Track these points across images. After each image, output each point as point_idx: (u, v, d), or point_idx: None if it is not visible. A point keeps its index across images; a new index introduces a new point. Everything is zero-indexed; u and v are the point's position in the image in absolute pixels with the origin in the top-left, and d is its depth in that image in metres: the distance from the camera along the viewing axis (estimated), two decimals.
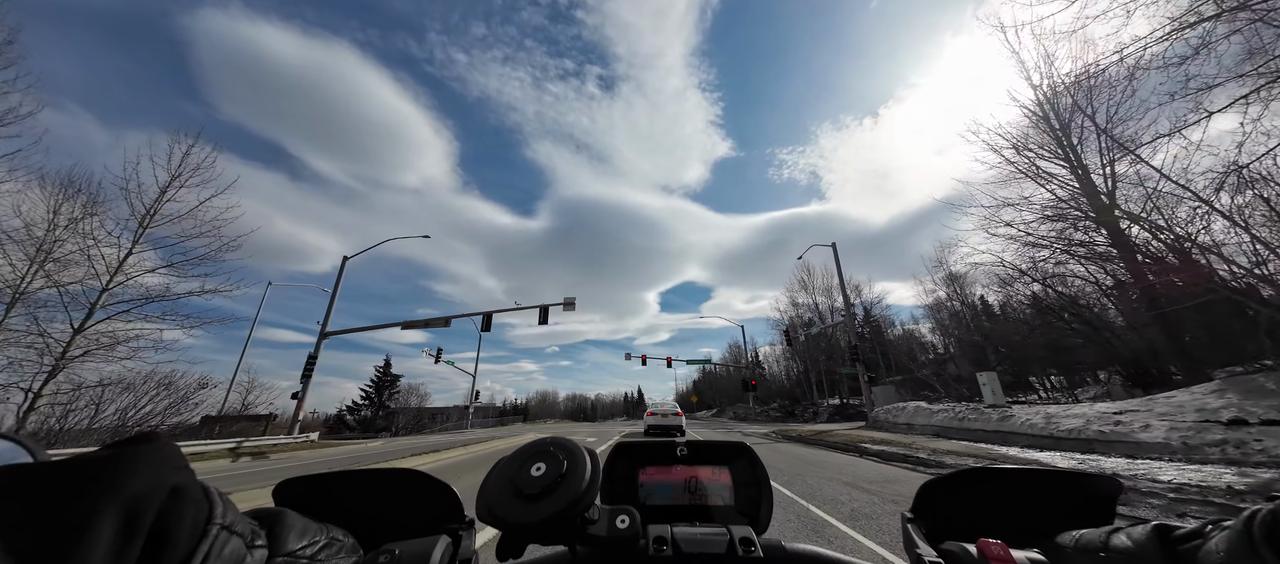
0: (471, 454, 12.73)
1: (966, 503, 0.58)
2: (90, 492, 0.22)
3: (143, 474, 0.24)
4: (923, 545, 0.50)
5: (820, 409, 38.94)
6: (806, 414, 39.46)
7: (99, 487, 0.23)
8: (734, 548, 0.49)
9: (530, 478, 0.42)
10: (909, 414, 16.07)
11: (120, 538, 0.22)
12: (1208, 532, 0.36)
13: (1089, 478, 0.55)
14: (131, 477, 0.24)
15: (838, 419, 36.33)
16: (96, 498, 0.22)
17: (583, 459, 0.44)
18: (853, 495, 5.38)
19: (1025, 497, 0.56)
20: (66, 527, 0.21)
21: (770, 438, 16.61)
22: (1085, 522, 0.47)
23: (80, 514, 0.21)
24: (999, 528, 0.49)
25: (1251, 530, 0.32)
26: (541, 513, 0.39)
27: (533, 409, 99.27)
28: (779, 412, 42.74)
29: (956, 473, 0.59)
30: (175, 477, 0.26)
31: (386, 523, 0.53)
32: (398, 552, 0.43)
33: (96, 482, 0.23)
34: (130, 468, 0.24)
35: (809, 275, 42.75)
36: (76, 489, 0.22)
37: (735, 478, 0.69)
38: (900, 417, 16.40)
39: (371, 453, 14.40)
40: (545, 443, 0.46)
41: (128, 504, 0.23)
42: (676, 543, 0.49)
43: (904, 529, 0.56)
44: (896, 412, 16.90)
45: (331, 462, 12.70)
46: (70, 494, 0.22)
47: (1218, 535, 0.35)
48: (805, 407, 41.04)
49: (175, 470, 0.27)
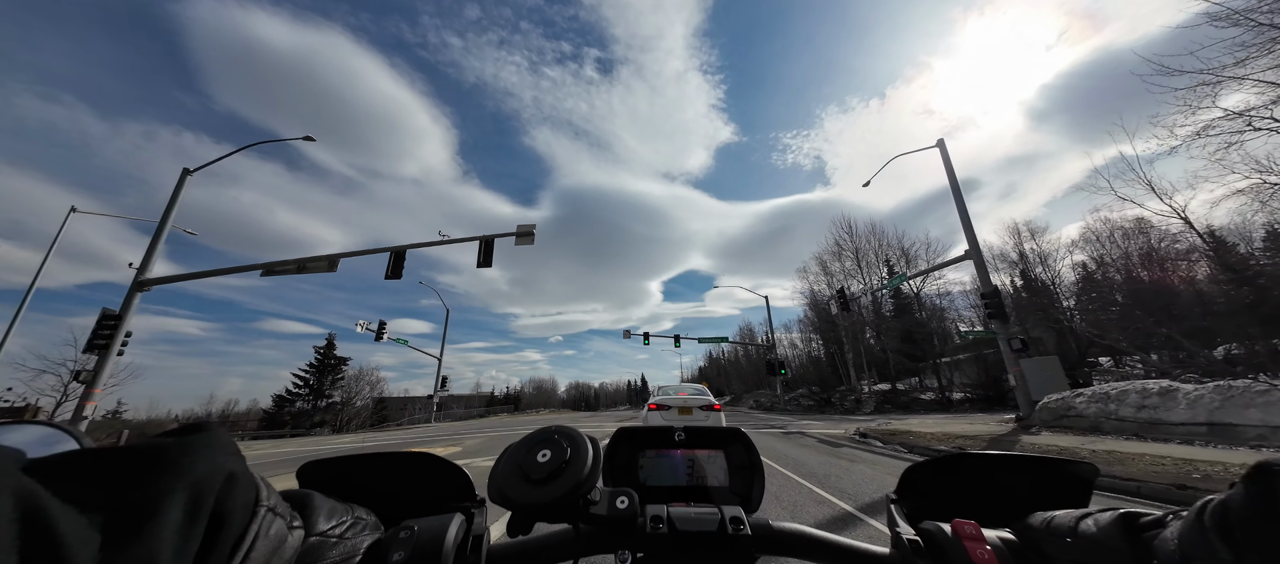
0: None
1: (947, 486, 0.61)
2: (161, 474, 0.23)
3: (205, 459, 0.26)
4: (903, 524, 0.53)
5: (863, 396, 31.41)
6: (847, 403, 31.93)
7: (169, 470, 0.24)
8: (725, 526, 0.52)
9: (536, 464, 0.45)
10: (1150, 402, 8.36)
11: (187, 518, 0.24)
12: (1168, 521, 0.37)
13: (1065, 464, 0.57)
14: (195, 461, 0.25)
15: (891, 410, 28.84)
16: (167, 480, 0.24)
17: (585, 446, 0.47)
18: None
19: (1003, 481, 0.60)
20: (140, 507, 0.22)
21: (868, 446, 9.08)
22: (1060, 505, 0.49)
23: (153, 495, 0.23)
24: (976, 509, 0.52)
25: (1203, 519, 0.33)
26: (547, 495, 0.43)
27: (527, 398, 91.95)
28: (811, 400, 35.23)
29: (939, 458, 0.62)
30: (231, 462, 0.28)
31: (403, 502, 0.56)
32: (416, 528, 0.45)
33: (166, 465, 0.24)
34: (195, 453, 0.26)
35: (849, 233, 35.04)
36: (148, 472, 0.23)
37: (730, 461, 0.72)
38: (1120, 406, 8.71)
39: None
40: (550, 431, 0.49)
41: (193, 486, 0.25)
42: (672, 521, 0.52)
43: (888, 509, 0.58)
44: (1102, 400, 9.17)
45: None
46: (143, 477, 0.23)
47: (1175, 524, 0.36)
48: (845, 394, 33.50)
49: (230, 456, 0.28)
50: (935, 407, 28.24)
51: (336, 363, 32.28)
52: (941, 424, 12.35)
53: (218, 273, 13.80)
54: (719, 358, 77.55)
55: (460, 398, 72.96)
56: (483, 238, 12.88)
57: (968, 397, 28.22)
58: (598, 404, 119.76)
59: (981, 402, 26.74)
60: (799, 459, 7.40)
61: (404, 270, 12.72)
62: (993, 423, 11.93)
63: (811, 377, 39.57)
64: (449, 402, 67.12)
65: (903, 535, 0.50)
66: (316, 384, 31.30)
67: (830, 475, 5.94)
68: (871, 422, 16.09)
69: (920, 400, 29.78)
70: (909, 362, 31.49)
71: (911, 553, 0.48)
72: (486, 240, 12.87)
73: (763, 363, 49.98)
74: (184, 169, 14.64)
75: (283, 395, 30.60)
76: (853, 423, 16.14)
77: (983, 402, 26.67)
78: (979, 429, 10.70)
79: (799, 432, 12.84)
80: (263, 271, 13.39)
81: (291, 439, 25.29)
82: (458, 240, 13.55)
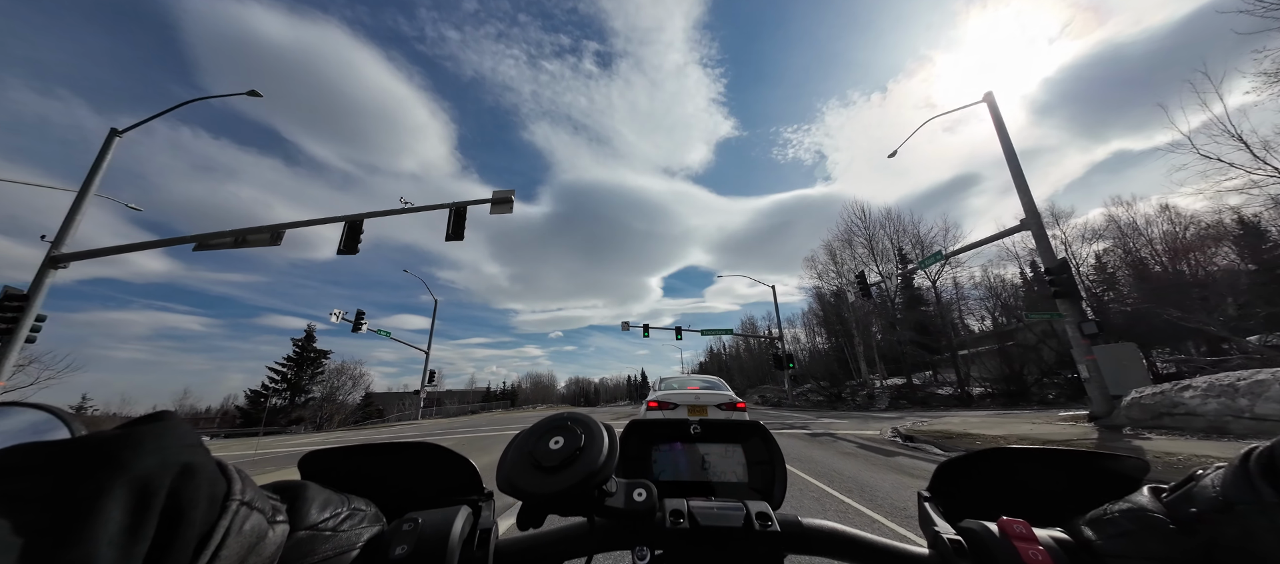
0: None
1: (985, 483, 0.57)
2: (100, 470, 0.22)
3: (152, 453, 0.24)
4: (941, 523, 0.48)
5: (876, 391, 29.52)
6: (860, 398, 30.05)
7: (108, 465, 0.23)
8: (750, 522, 0.48)
9: (548, 451, 0.43)
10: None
11: (132, 516, 0.22)
12: (1199, 475, 0.38)
13: (1114, 459, 0.53)
14: (140, 455, 0.24)
15: (907, 405, 26.99)
16: (106, 476, 0.22)
17: (599, 433, 0.44)
18: None
19: (1047, 477, 0.55)
20: (76, 504, 0.21)
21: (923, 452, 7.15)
22: (1105, 504, 0.46)
23: (89, 492, 0.21)
24: (1019, 508, 0.47)
25: (1248, 464, 0.34)
26: (559, 485, 0.40)
27: (524, 394, 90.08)
28: (820, 395, 33.33)
29: (976, 453, 0.58)
30: (187, 455, 0.26)
31: (408, 494, 0.53)
32: (420, 520, 0.43)
33: (106, 460, 0.23)
34: (139, 447, 0.24)
35: (863, 219, 33.05)
36: (87, 467, 0.22)
37: (748, 455, 0.68)
38: (1257, 401, 6.76)
39: None
40: (563, 417, 0.46)
41: (138, 483, 0.23)
42: (693, 516, 0.48)
43: (920, 507, 0.54)
44: (1227, 392, 7.22)
45: None
46: (81, 472, 0.22)
47: (1212, 474, 0.37)
48: (856, 388, 31.61)
49: (186, 448, 0.26)
50: (954, 402, 26.45)
51: (317, 356, 30.33)
52: (999, 424, 10.43)
53: (146, 246, 11.81)
54: (720, 353, 75.60)
55: (455, 393, 71.10)
56: (453, 205, 10.88)
57: (988, 391, 26.42)
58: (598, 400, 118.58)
59: (1003, 397, 24.97)
60: (848, 474, 5.47)
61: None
62: (1059, 422, 10.01)
63: (820, 370, 37.65)
64: (443, 397, 65.26)
65: (943, 535, 0.45)
66: (295, 379, 29.36)
67: (909, 504, 4.00)
68: (900, 419, 14.19)
69: (937, 395, 27.96)
70: (927, 353, 29.60)
71: (953, 554, 0.44)
72: (457, 209, 10.87)
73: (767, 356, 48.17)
74: (112, 130, 12.65)
75: (259, 391, 28.66)
76: (878, 421, 14.22)
77: (1004, 397, 24.90)
78: (1050, 431, 8.77)
79: (825, 432, 10.91)
80: (196, 246, 11.42)
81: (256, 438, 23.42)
82: (423, 208, 11.56)
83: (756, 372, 49.13)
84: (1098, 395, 9.53)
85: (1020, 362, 26.62)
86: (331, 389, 30.34)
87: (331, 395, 30.10)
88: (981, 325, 31.87)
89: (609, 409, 49.40)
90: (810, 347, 47.39)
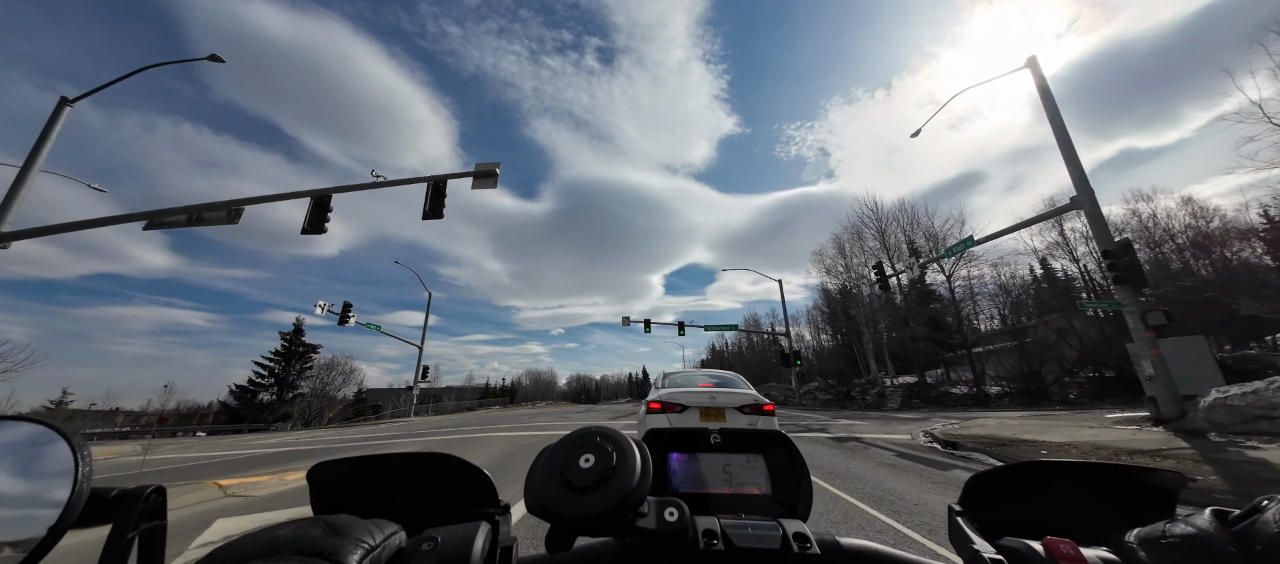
0: None
1: (1020, 498, 0.56)
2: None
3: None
4: (979, 541, 0.46)
5: (887, 390, 28.31)
6: (870, 397, 28.79)
7: None
8: (789, 543, 0.46)
9: (579, 470, 0.41)
10: None
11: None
12: (1264, 506, 0.36)
13: (1150, 472, 0.53)
14: None
15: (921, 405, 25.53)
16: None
17: (632, 451, 0.43)
18: None
19: (1082, 493, 0.54)
20: None
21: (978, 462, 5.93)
22: (1146, 519, 0.45)
23: None
24: (1055, 524, 0.47)
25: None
26: (594, 506, 0.39)
27: (524, 390, 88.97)
28: (828, 394, 32.09)
29: (1009, 467, 0.57)
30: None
31: (423, 508, 0.51)
32: (439, 539, 0.41)
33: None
34: None
35: (875, 211, 31.76)
36: None
37: (771, 466, 0.66)
38: None
39: None
40: (592, 432, 0.45)
41: None
42: (727, 537, 0.46)
43: (952, 522, 0.52)
44: None
45: None
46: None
47: (1274, 507, 0.35)
48: (865, 387, 30.38)
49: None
50: (970, 401, 25.24)
51: (305, 350, 29.24)
52: (1046, 427, 9.19)
53: (92, 224, 10.64)
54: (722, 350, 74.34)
55: (452, 389, 70.07)
56: (430, 178, 9.69)
57: (1005, 391, 25.20)
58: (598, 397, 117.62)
59: (1022, 396, 23.74)
60: (911, 499, 4.26)
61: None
62: (1117, 427, 8.79)
63: (827, 368, 36.42)
64: (440, 394, 64.27)
65: (983, 554, 0.44)
66: (283, 374, 28.28)
67: None
68: (924, 421, 12.99)
69: (951, 394, 26.72)
70: (942, 350, 28.39)
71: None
72: (436, 183, 9.68)
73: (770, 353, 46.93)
74: (62, 98, 11.47)
75: (245, 386, 27.58)
76: (900, 422, 13.00)
77: (1023, 396, 23.66)
78: (1117, 437, 7.56)
79: (849, 436, 9.72)
80: (146, 224, 10.26)
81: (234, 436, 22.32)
82: (398, 182, 10.37)
83: (760, 369, 47.96)
84: (1165, 396, 8.31)
85: (1038, 359, 25.41)
86: (322, 385, 29.24)
87: (322, 391, 29.00)
88: (990, 324, 30.81)
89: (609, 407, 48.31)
90: (816, 344, 46.21)
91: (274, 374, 28.22)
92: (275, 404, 27.36)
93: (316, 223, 9.61)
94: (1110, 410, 16.54)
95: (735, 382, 5.58)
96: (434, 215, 9.63)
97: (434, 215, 9.63)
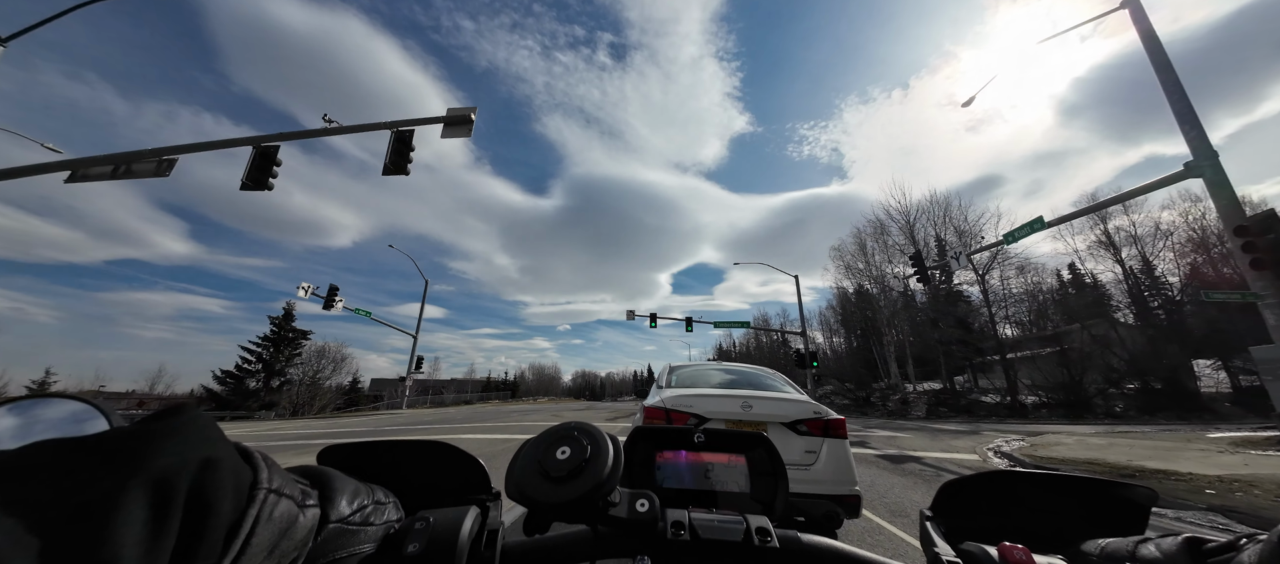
0: None
1: (990, 506, 0.58)
2: (119, 470, 0.22)
3: (171, 450, 0.24)
4: (941, 544, 0.50)
5: (911, 397, 26.31)
6: (892, 403, 26.80)
7: (124, 465, 0.22)
8: (750, 536, 0.49)
9: (556, 461, 0.44)
10: None
11: (154, 513, 0.22)
12: (1241, 544, 0.35)
13: (1121, 487, 0.54)
14: (159, 453, 0.23)
15: (948, 413, 23.48)
16: (126, 475, 0.22)
17: (606, 445, 0.46)
18: None
19: (1052, 503, 0.56)
20: (90, 508, 0.20)
21: None
22: (1114, 532, 0.47)
23: (105, 492, 0.21)
24: (1022, 532, 0.49)
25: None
26: (567, 494, 0.42)
27: (526, 385, 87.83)
28: (846, 398, 30.15)
29: (981, 474, 0.59)
30: (206, 448, 0.26)
31: (419, 490, 0.55)
32: (432, 519, 0.45)
33: (125, 460, 0.22)
34: (158, 443, 0.24)
35: (903, 197, 29.70)
36: (105, 468, 0.22)
37: (752, 466, 0.69)
38: None
39: None
40: (570, 428, 0.48)
41: (158, 480, 0.23)
42: (694, 528, 0.50)
43: (922, 526, 0.55)
44: None
45: None
46: (96, 473, 0.21)
47: (1251, 548, 0.34)
48: (886, 392, 28.36)
49: (206, 442, 0.26)
50: (1003, 411, 23.19)
51: (295, 336, 27.94)
52: (1151, 453, 7.25)
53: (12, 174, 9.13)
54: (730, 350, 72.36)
55: (454, 381, 68.96)
56: (395, 126, 8.03)
57: (1042, 401, 23.12)
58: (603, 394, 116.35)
59: (1061, 408, 21.68)
60: None
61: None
62: (1249, 452, 6.85)
63: (844, 371, 34.35)
64: (442, 385, 63.17)
65: (942, 556, 0.46)
66: (271, 360, 26.98)
67: None
68: (974, 433, 11.16)
69: (982, 402, 24.71)
70: (974, 354, 26.27)
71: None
72: (399, 133, 8.05)
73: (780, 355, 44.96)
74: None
75: (230, 372, 26.32)
76: (945, 435, 11.12)
77: (1062, 408, 21.60)
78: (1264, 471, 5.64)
79: (900, 453, 7.89)
80: (69, 176, 8.73)
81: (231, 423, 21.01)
82: (355, 129, 8.73)
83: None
84: None
85: (1081, 368, 23.23)
86: (312, 373, 27.91)
87: (313, 379, 27.66)
88: (1014, 330, 28.77)
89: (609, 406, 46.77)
90: (829, 346, 44.11)
91: (262, 360, 26.96)
92: (261, 391, 26.08)
93: (258, 177, 7.99)
94: (1163, 424, 14.43)
95: (770, 381, 3.76)
96: (397, 170, 7.99)
97: (397, 170, 7.99)
